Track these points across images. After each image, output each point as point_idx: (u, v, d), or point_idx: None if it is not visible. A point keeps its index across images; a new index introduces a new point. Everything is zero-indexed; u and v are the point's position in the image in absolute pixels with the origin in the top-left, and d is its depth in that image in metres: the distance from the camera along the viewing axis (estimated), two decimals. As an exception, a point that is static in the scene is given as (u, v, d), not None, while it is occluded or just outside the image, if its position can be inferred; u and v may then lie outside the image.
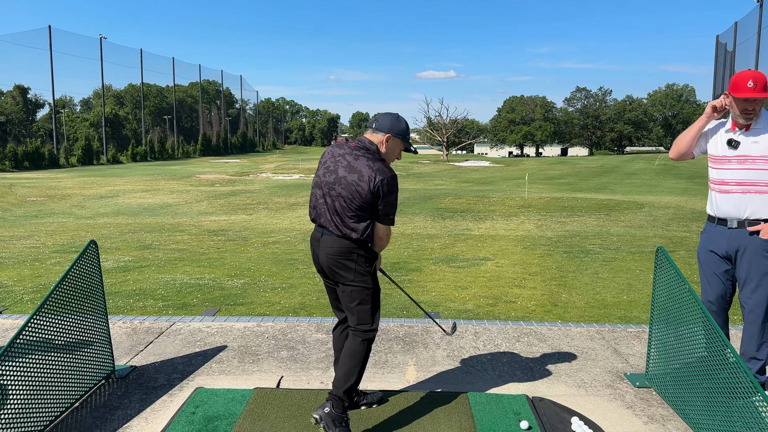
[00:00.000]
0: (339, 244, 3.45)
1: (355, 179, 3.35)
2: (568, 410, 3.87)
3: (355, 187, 3.35)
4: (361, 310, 3.49)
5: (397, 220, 14.07)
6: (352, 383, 3.43)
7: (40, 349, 3.54)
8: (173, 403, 3.99)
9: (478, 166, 51.62)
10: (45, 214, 16.09)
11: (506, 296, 7.15)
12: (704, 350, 3.44)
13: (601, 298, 7.12)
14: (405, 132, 3.59)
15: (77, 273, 3.93)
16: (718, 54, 49.13)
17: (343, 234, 3.44)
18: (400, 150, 3.62)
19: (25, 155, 45.23)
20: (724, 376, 3.19)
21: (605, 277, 8.21)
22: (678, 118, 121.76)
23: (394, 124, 3.56)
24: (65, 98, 78.75)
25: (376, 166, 3.39)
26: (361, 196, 3.35)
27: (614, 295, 7.22)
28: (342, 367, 3.48)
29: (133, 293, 7.18)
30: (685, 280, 3.66)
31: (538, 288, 7.60)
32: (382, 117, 3.59)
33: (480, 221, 14.42)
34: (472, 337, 5.35)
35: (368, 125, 3.60)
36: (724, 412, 3.20)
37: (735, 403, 3.10)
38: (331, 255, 3.48)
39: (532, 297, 7.12)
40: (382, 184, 3.35)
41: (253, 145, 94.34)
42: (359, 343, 3.48)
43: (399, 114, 3.65)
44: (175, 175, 34.26)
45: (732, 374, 3.13)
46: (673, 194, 22.79)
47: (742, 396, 3.03)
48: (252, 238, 11.80)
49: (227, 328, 5.58)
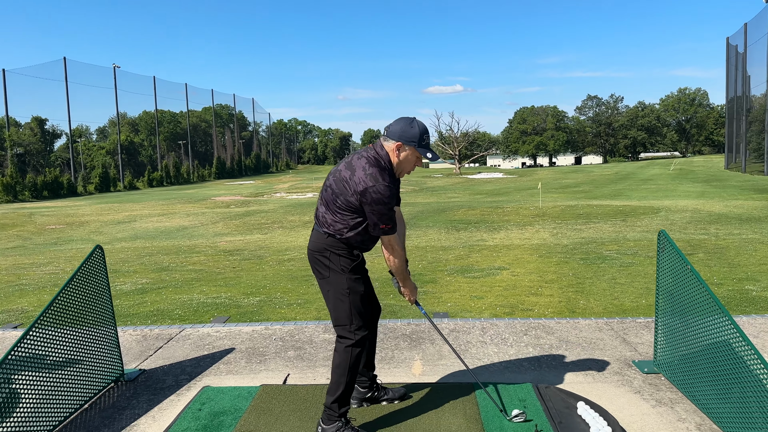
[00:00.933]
0: (318, 238, 3.41)
1: (347, 177, 3.29)
2: (575, 396, 3.86)
3: (344, 183, 3.28)
4: (337, 308, 3.40)
5: (410, 233, 14.00)
6: (339, 394, 3.36)
7: (48, 353, 3.62)
8: (180, 402, 4.05)
9: (491, 178, 51.50)
10: (64, 241, 16.31)
11: (523, 304, 7.10)
12: (711, 332, 3.40)
13: (619, 303, 7.03)
14: (418, 138, 3.33)
15: (83, 276, 4.03)
16: (729, 56, 48.76)
17: (324, 229, 3.38)
18: (417, 158, 3.39)
19: (44, 185, 45.95)
20: (734, 357, 3.16)
21: (623, 282, 8.12)
22: (692, 122, 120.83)
23: (406, 129, 3.33)
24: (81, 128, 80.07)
25: (370, 170, 3.24)
26: (346, 195, 3.27)
27: (633, 299, 7.14)
28: (331, 377, 3.43)
29: (150, 314, 7.24)
30: (688, 261, 3.63)
31: (555, 295, 7.54)
32: (395, 122, 3.40)
33: (494, 231, 14.36)
34: (480, 332, 5.36)
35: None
36: (738, 394, 3.15)
37: (749, 385, 3.05)
38: (311, 249, 3.47)
39: (549, 304, 7.06)
40: (366, 191, 3.20)
41: (267, 167, 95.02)
42: (342, 350, 3.38)
43: (415, 118, 3.39)
44: (190, 198, 34.58)
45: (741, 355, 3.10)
46: (690, 198, 22.54)
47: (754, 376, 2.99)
48: (267, 256, 11.85)
49: (235, 332, 5.66)
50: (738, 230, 13.03)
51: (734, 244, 11.13)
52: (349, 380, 3.37)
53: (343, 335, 3.41)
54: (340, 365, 3.37)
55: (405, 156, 3.35)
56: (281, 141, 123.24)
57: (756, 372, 2.94)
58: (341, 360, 3.37)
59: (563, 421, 3.51)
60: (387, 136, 3.37)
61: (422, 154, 3.37)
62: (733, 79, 48.14)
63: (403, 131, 3.33)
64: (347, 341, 3.38)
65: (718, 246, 10.93)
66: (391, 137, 3.34)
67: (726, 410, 3.30)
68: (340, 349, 3.40)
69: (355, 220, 3.33)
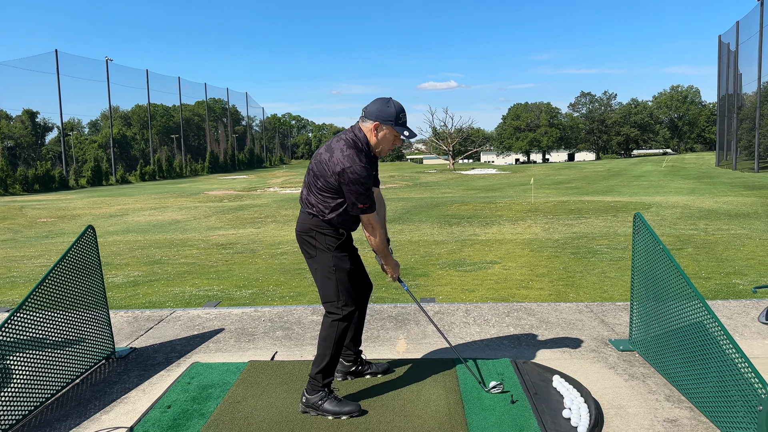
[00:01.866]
0: (304, 219, 3.51)
1: (326, 158, 3.37)
2: (551, 370, 4.02)
3: (324, 165, 3.37)
4: (325, 286, 3.49)
5: (404, 228, 14.02)
6: (324, 365, 3.45)
7: (38, 330, 3.70)
8: (170, 377, 4.17)
9: (484, 174, 51.61)
10: (55, 234, 16.25)
11: (513, 297, 7.15)
12: (683, 311, 3.52)
13: (608, 296, 7.10)
14: (395, 117, 3.39)
15: (75, 255, 4.10)
16: (721, 54, 48.96)
17: (308, 210, 3.47)
18: (395, 137, 3.46)
19: (35, 178, 45.70)
20: (703, 334, 3.28)
21: (613, 276, 8.19)
22: (684, 119, 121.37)
23: (382, 109, 3.40)
24: (73, 121, 79.57)
25: (347, 152, 3.31)
26: (325, 176, 3.36)
27: (622, 293, 7.20)
28: (317, 350, 3.52)
29: (143, 306, 7.25)
30: (661, 242, 3.75)
31: (545, 288, 7.60)
32: (372, 103, 3.47)
33: (487, 226, 14.42)
34: (463, 314, 5.51)
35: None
36: (700, 365, 3.31)
37: (710, 356, 3.20)
38: (298, 231, 3.55)
39: (540, 297, 7.12)
40: (344, 171, 3.28)
41: (260, 161, 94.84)
42: (329, 324, 3.48)
43: (391, 98, 3.47)
44: (183, 192, 34.49)
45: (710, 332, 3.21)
46: (680, 194, 22.68)
47: (716, 347, 3.12)
48: (260, 250, 11.87)
49: (225, 314, 5.78)
50: (727, 226, 13.14)
51: (723, 239, 11.24)
52: (334, 353, 3.47)
53: (330, 311, 3.50)
54: (327, 338, 3.47)
55: (383, 135, 3.44)
56: (275, 136, 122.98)
57: (723, 347, 3.07)
58: (327, 333, 3.47)
59: (538, 393, 3.66)
60: (365, 117, 3.44)
61: (399, 132, 3.45)
62: (725, 77, 48.38)
63: (380, 111, 3.41)
64: (334, 316, 3.48)
65: (707, 241, 11.03)
66: (368, 117, 3.42)
67: (693, 383, 3.46)
68: (327, 323, 3.49)
69: (336, 201, 3.41)
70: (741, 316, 5.31)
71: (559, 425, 3.27)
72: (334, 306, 3.48)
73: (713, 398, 3.22)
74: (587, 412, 3.32)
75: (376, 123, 3.40)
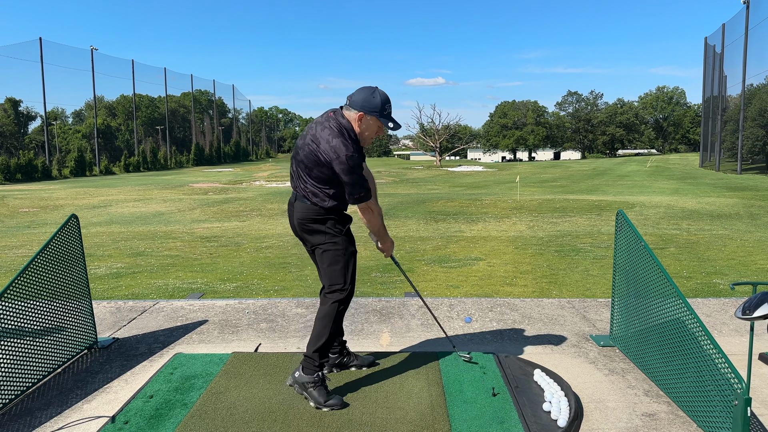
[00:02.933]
0: (306, 209, 3.47)
1: (314, 148, 3.34)
2: (532, 364, 4.08)
3: (313, 156, 3.35)
4: (332, 270, 3.50)
5: (389, 223, 13.98)
6: (321, 343, 3.48)
7: (18, 317, 3.67)
8: (153, 367, 4.17)
9: (471, 171, 51.75)
10: (37, 224, 16.06)
11: (497, 294, 7.20)
12: (663, 307, 3.58)
13: (591, 294, 7.17)
14: (380, 108, 3.36)
15: (58, 244, 4.08)
16: (706, 56, 49.49)
17: (309, 200, 3.44)
18: (379, 127, 3.44)
19: (17, 167, 45.07)
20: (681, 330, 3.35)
21: (595, 274, 8.27)
22: (669, 120, 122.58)
23: (368, 99, 3.35)
24: (57, 110, 78.66)
25: (334, 142, 3.28)
26: (318, 166, 3.33)
27: (604, 291, 7.28)
28: (313, 329, 3.54)
29: (125, 297, 7.19)
30: (642, 239, 3.83)
31: (529, 285, 7.66)
32: (357, 92, 3.43)
33: (472, 223, 14.48)
34: (447, 308, 5.58)
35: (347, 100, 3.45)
36: (679, 361, 3.38)
37: (689, 352, 3.27)
38: (300, 220, 3.52)
39: (523, 294, 7.17)
40: (333, 162, 3.27)
41: (246, 154, 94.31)
42: (329, 305, 3.51)
43: (377, 87, 3.42)
44: (167, 184, 34.23)
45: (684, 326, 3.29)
46: (664, 194, 22.93)
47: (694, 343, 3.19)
48: (245, 243, 11.83)
49: (209, 305, 5.78)
50: (709, 226, 13.32)
51: (705, 239, 11.39)
52: (332, 332, 3.51)
53: (333, 293, 3.52)
54: (326, 316, 3.49)
55: (367, 125, 3.40)
56: (261, 129, 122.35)
57: (701, 344, 3.13)
58: (327, 311, 3.49)
59: (519, 386, 3.71)
60: (349, 105, 3.40)
61: (384, 124, 3.42)
62: (710, 79, 48.94)
63: (365, 101, 3.35)
64: (337, 296, 3.51)
65: (689, 241, 11.17)
66: (353, 107, 3.37)
67: (671, 378, 3.54)
68: (328, 303, 3.52)
69: (333, 190, 3.42)
70: (720, 313, 5.40)
71: (539, 418, 3.31)
72: (340, 288, 3.51)
73: (691, 393, 3.28)
74: (567, 405, 3.36)
75: (360, 113, 3.36)
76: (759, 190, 23.76)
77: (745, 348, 4.36)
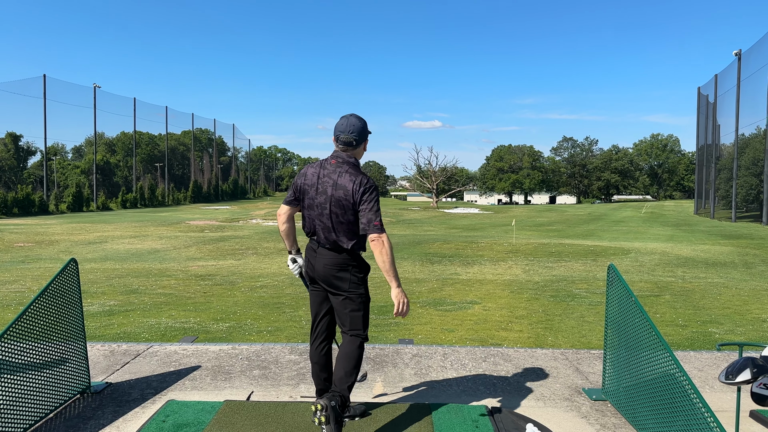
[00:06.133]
0: (334, 257, 3.67)
1: (341, 195, 3.57)
2: (525, 418, 4.05)
3: (344, 202, 3.57)
4: (354, 316, 3.70)
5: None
6: (352, 381, 3.64)
7: (12, 361, 3.62)
8: (145, 414, 4.10)
9: (467, 213, 51.94)
10: (32, 260, 15.98)
11: (493, 339, 7.16)
12: (653, 363, 3.58)
13: (587, 341, 7.13)
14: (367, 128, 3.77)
15: (56, 289, 4.07)
16: (700, 105, 50.34)
17: (339, 248, 3.65)
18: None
19: (14, 202, 45.08)
20: (672, 387, 3.33)
21: (591, 321, 8.24)
22: (664, 167, 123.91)
23: (365, 128, 3.74)
24: (57, 146, 79.14)
25: (358, 178, 3.58)
26: (351, 209, 3.58)
27: (600, 338, 7.24)
28: (341, 368, 3.65)
29: (117, 336, 7.13)
30: (633, 294, 3.84)
31: (524, 331, 7.61)
32: (353, 126, 3.70)
33: (468, 266, 14.47)
34: (441, 357, 5.52)
35: (342, 142, 3.68)
36: (669, 417, 3.36)
37: (678, 408, 3.25)
38: (327, 266, 3.67)
39: (519, 340, 7.13)
40: (363, 191, 3.54)
41: (244, 192, 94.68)
42: (357, 346, 3.69)
43: (353, 114, 3.77)
44: (164, 221, 34.21)
45: (674, 382, 3.27)
46: (659, 241, 23.00)
47: (684, 399, 3.17)
48: (239, 282, 11.77)
49: (202, 350, 5.71)
50: (704, 274, 13.33)
51: (700, 287, 11.38)
52: (358, 370, 3.72)
53: (355, 336, 3.72)
54: (353, 357, 3.66)
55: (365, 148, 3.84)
56: (260, 167, 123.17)
57: (692, 400, 3.11)
58: (353, 353, 3.67)
59: None
60: (355, 143, 3.68)
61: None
62: (704, 128, 49.64)
63: (363, 130, 3.74)
64: (362, 337, 3.73)
65: (684, 288, 11.16)
66: (362, 140, 3.72)
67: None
68: (355, 344, 3.70)
69: (354, 229, 3.64)
70: (712, 368, 5.37)
71: (532, 471, 3.26)
72: (360, 334, 3.72)
73: None
74: (561, 458, 3.31)
75: (366, 142, 3.77)
76: (754, 239, 23.85)
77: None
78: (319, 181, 3.66)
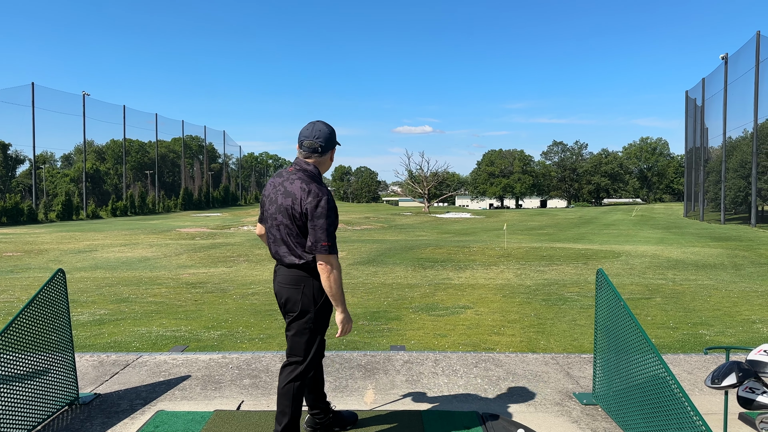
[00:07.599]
0: (286, 273, 3.40)
1: (289, 203, 3.30)
2: (516, 424, 4.06)
3: (291, 210, 3.29)
4: (295, 341, 3.41)
5: (377, 270, 13.94)
6: (286, 423, 3.38)
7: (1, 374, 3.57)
8: (134, 425, 4.06)
9: (459, 218, 52.03)
10: (20, 269, 15.84)
11: (485, 343, 7.16)
12: (642, 366, 3.58)
13: (578, 344, 7.15)
14: (335, 137, 3.53)
15: (43, 300, 4.04)
16: (688, 108, 50.75)
17: (291, 262, 3.36)
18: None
19: (3, 211, 44.68)
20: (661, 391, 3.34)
21: (583, 324, 8.26)
22: (653, 170, 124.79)
23: (332, 135, 3.48)
24: (46, 154, 78.70)
25: (309, 187, 3.28)
26: (298, 220, 3.28)
27: (591, 341, 7.25)
28: (278, 404, 3.43)
29: (107, 346, 7.07)
30: (622, 298, 3.87)
31: (516, 335, 7.62)
32: (320, 132, 3.43)
33: (460, 270, 14.48)
34: (432, 364, 5.53)
35: (306, 147, 3.41)
36: (658, 420, 3.37)
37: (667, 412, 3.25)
38: (282, 284, 3.41)
39: (511, 344, 7.13)
40: (314, 204, 3.22)
41: (235, 199, 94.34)
42: (291, 380, 3.39)
43: (320, 120, 3.50)
44: (155, 229, 34.03)
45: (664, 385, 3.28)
46: (649, 243, 23.12)
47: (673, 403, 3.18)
48: (231, 290, 11.72)
49: (192, 360, 5.69)
50: (694, 276, 13.41)
51: (690, 289, 11.45)
52: (294, 411, 3.41)
53: (292, 363, 3.44)
54: (285, 395, 3.38)
55: (331, 158, 3.57)
56: (251, 174, 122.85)
57: (682, 404, 3.12)
58: (285, 392, 3.39)
59: None
60: (320, 149, 3.43)
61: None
62: (692, 131, 50.03)
63: (331, 137, 3.49)
64: (295, 371, 3.42)
65: (674, 291, 11.22)
66: (328, 148, 3.47)
67: None
68: (291, 376, 3.42)
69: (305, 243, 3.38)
70: (701, 371, 5.41)
71: (524, 476, 3.26)
72: (298, 359, 3.42)
73: None
74: (552, 464, 3.31)
75: (332, 150, 3.52)
76: (742, 240, 24.03)
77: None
78: (274, 190, 3.44)
